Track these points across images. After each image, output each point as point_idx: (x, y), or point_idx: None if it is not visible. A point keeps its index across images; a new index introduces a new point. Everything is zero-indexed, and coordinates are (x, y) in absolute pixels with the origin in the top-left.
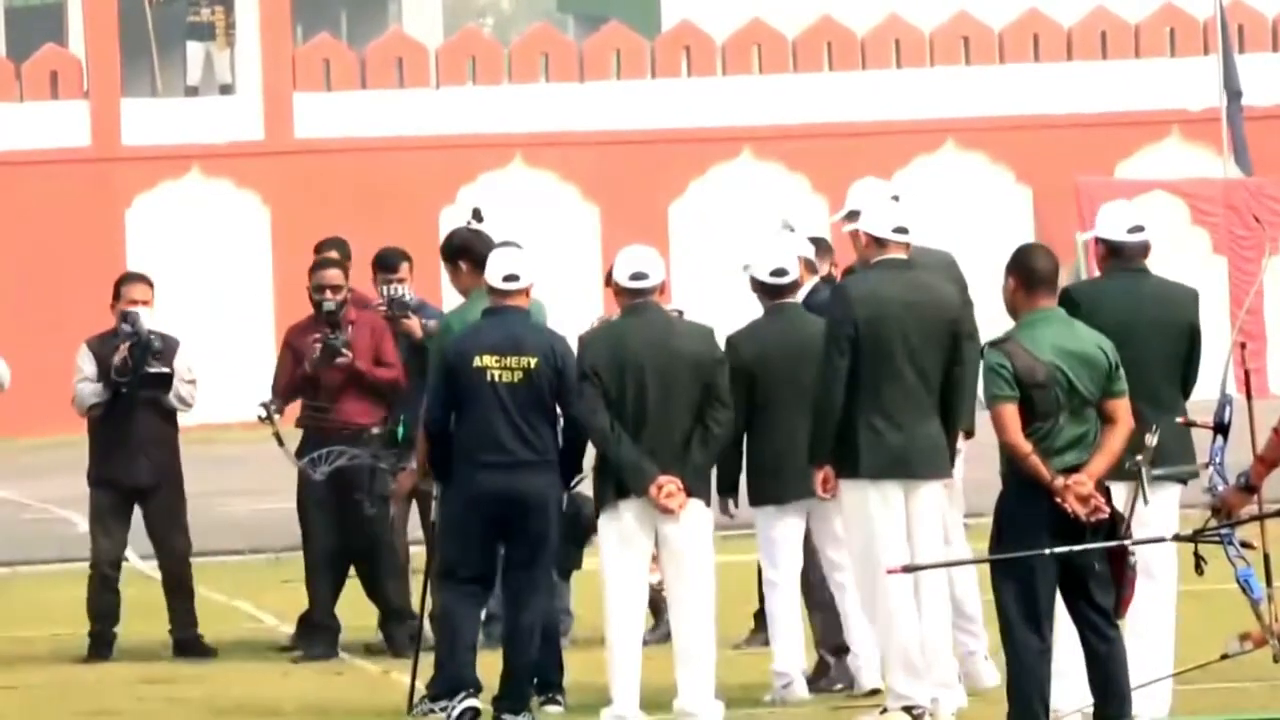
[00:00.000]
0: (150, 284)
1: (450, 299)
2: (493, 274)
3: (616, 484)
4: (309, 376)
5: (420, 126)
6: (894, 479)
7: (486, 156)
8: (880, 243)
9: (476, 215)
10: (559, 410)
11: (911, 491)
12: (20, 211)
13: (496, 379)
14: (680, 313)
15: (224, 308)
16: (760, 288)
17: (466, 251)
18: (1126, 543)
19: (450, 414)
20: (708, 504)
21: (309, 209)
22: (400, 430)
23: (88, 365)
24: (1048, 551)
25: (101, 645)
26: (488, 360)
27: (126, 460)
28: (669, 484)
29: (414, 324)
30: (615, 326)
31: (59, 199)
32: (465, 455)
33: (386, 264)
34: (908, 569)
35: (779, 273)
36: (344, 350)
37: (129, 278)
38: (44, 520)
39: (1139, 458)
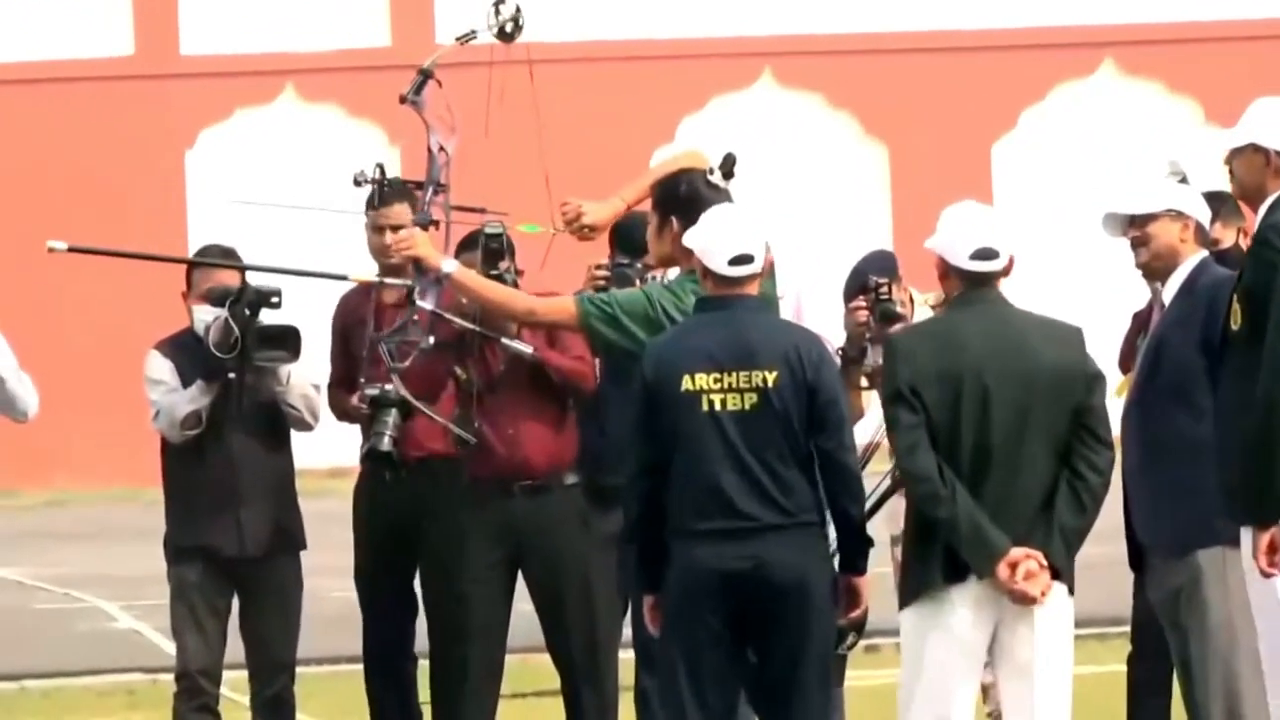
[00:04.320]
0: (237, 262)
1: None
2: (713, 253)
3: (945, 560)
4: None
5: (625, 29)
6: None
7: (720, 72)
8: None
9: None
10: (815, 447)
11: None
12: (31, 152)
13: (718, 407)
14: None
15: (329, 292)
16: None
17: (693, 206)
18: None
19: (662, 461)
20: (1071, 590)
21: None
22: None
23: (165, 373)
24: None
25: None
26: (703, 380)
27: (224, 518)
28: (1028, 560)
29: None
30: (943, 325)
31: (90, 134)
32: (678, 523)
33: (631, 238)
34: None
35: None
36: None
37: (208, 254)
38: (66, 612)
39: None
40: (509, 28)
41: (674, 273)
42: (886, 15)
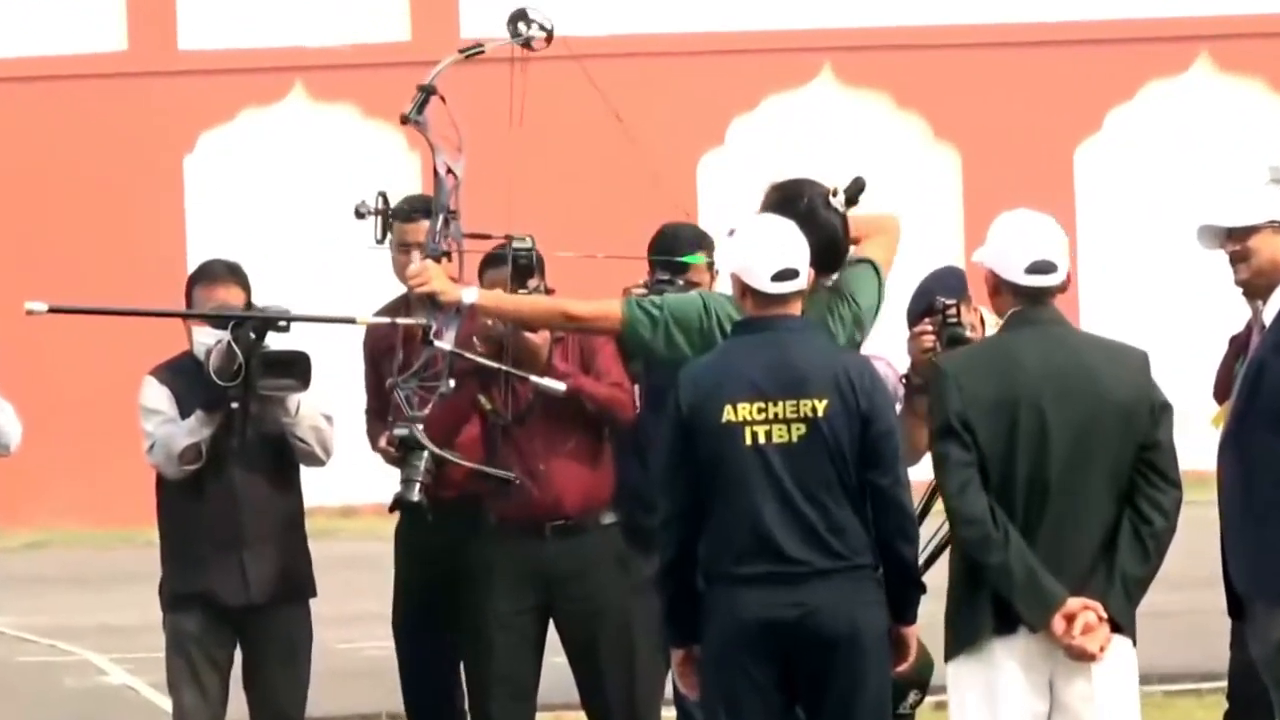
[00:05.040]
0: (243, 280)
1: None
2: (754, 269)
3: (995, 611)
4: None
5: (667, 22)
6: None
7: (775, 69)
8: None
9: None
10: (867, 482)
11: None
12: (16, 156)
13: (762, 440)
14: None
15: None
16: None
17: (808, 224)
18: None
19: (699, 501)
20: (1134, 642)
21: None
22: None
23: (162, 401)
24: None
25: None
26: (745, 410)
27: (226, 562)
28: (1086, 612)
29: None
30: (996, 347)
31: (80, 137)
32: (717, 567)
33: (672, 253)
34: None
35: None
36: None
37: (209, 272)
38: (53, 665)
39: None
40: (522, 29)
41: (722, 285)
42: (959, 7)
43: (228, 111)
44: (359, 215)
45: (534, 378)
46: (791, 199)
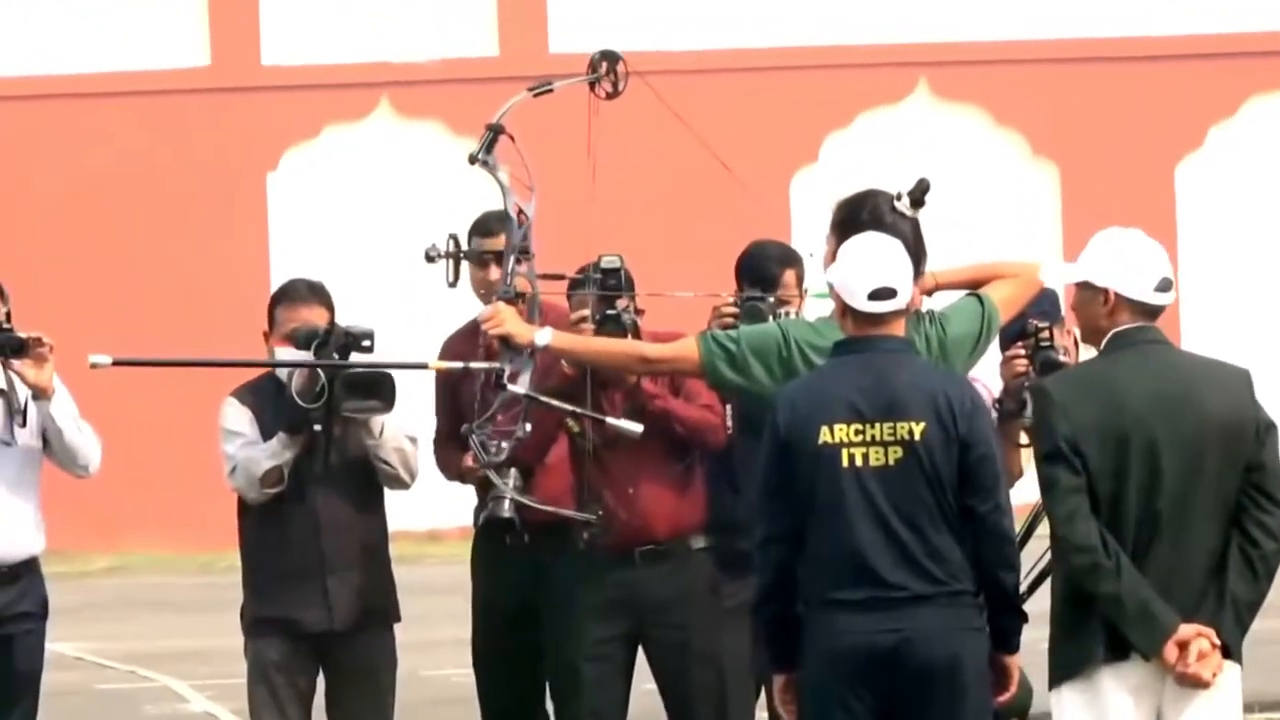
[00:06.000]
0: (325, 300)
1: None
2: (852, 288)
3: (1109, 638)
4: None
5: (758, 36)
6: None
7: (869, 85)
8: None
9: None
10: (966, 507)
11: None
12: (97, 172)
13: (859, 462)
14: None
15: (426, 332)
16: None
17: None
18: None
19: (796, 522)
20: (1241, 667)
21: None
22: None
23: (243, 423)
24: None
25: None
26: (843, 432)
27: (309, 588)
28: (1199, 639)
29: None
30: (1101, 371)
31: (162, 153)
32: (814, 591)
33: (760, 270)
34: None
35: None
36: (632, 326)
37: (292, 291)
38: (133, 692)
39: None
40: (603, 75)
41: (814, 309)
42: (1057, 21)
43: (312, 128)
44: (429, 259)
45: (610, 419)
46: (856, 212)
